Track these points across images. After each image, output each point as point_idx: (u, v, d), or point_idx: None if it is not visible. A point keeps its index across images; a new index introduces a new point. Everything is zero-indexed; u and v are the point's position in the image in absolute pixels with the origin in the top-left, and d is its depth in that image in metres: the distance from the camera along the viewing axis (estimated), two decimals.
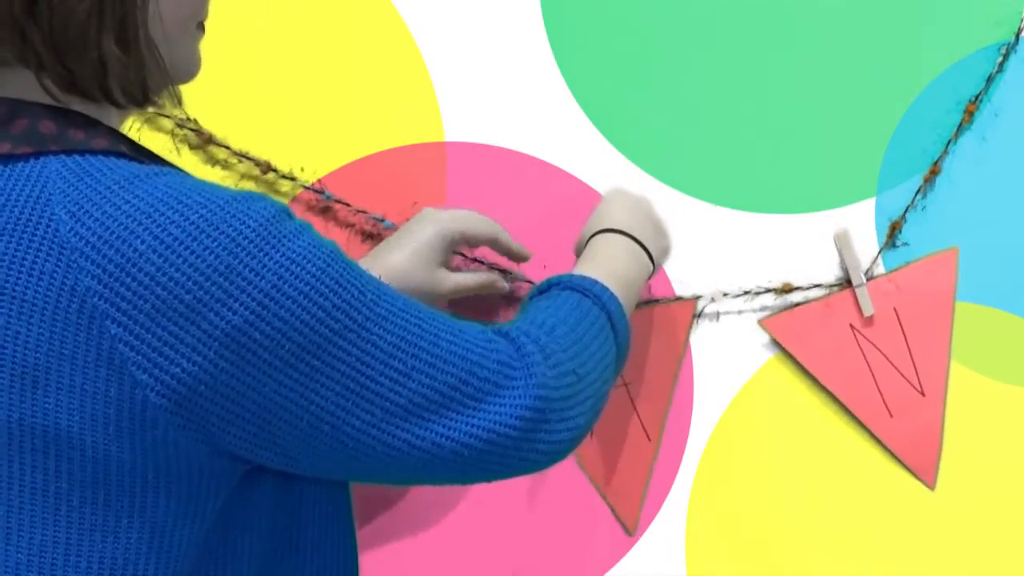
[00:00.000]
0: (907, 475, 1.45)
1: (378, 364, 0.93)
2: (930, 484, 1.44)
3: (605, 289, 1.13)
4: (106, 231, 0.87)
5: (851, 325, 1.44)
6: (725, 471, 1.45)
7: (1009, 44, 1.43)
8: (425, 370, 0.95)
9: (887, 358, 1.43)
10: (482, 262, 1.42)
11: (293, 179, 1.44)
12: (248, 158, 1.44)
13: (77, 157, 0.91)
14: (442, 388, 0.95)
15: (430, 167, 1.45)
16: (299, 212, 1.45)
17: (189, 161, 1.45)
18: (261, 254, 0.88)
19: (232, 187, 0.93)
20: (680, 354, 1.44)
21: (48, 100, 0.94)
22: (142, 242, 0.87)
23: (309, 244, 0.91)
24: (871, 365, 1.44)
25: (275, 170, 1.44)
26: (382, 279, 1.00)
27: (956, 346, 1.44)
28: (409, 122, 1.45)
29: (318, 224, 1.44)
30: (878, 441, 1.44)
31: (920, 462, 1.44)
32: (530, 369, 1.00)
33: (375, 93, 1.45)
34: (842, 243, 1.43)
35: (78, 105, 0.95)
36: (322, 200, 1.44)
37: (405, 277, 1.28)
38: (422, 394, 0.94)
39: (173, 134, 1.44)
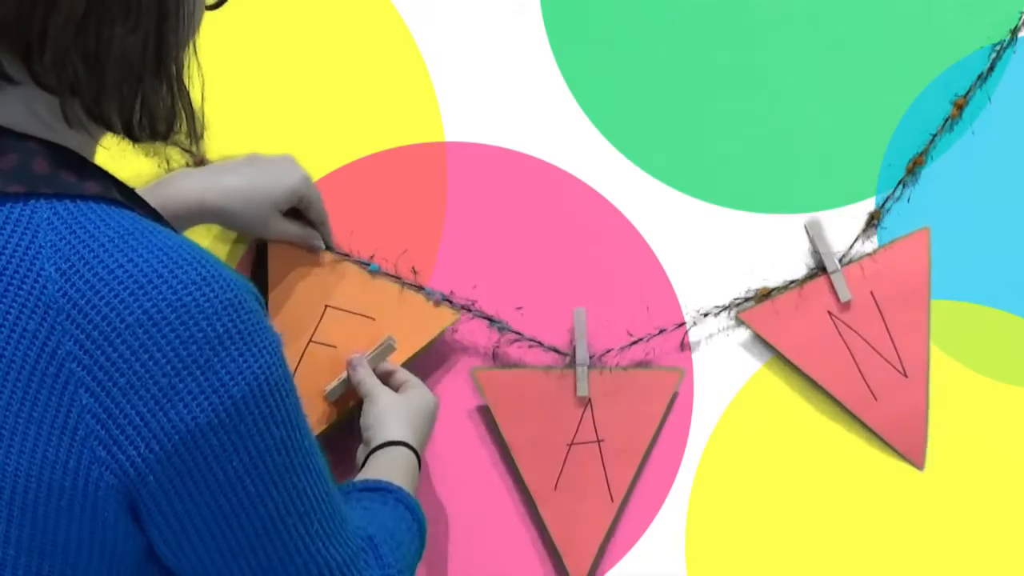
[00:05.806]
0: (905, 472, 1.45)
1: (294, 521, 0.94)
2: (919, 464, 1.45)
3: (419, 507, 1.20)
4: (96, 295, 0.85)
5: (829, 312, 1.44)
6: (725, 471, 1.45)
7: (1004, 42, 1.43)
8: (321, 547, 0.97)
9: (867, 342, 1.43)
10: (468, 308, 1.43)
11: None
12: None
13: (68, 203, 0.89)
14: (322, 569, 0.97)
15: (430, 167, 1.45)
16: None
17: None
18: (241, 359, 0.88)
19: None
20: (658, 422, 1.44)
21: (34, 127, 0.91)
22: (130, 314, 0.85)
23: (278, 362, 0.91)
24: (852, 350, 1.44)
25: None
26: (220, 196, 1.25)
27: (937, 337, 1.44)
28: (409, 122, 1.45)
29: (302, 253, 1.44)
30: (874, 435, 1.44)
31: (908, 443, 1.44)
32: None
33: (375, 93, 1.45)
34: (814, 231, 1.43)
35: (68, 134, 0.92)
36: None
37: (245, 201, 1.30)
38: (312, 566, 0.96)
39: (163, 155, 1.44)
